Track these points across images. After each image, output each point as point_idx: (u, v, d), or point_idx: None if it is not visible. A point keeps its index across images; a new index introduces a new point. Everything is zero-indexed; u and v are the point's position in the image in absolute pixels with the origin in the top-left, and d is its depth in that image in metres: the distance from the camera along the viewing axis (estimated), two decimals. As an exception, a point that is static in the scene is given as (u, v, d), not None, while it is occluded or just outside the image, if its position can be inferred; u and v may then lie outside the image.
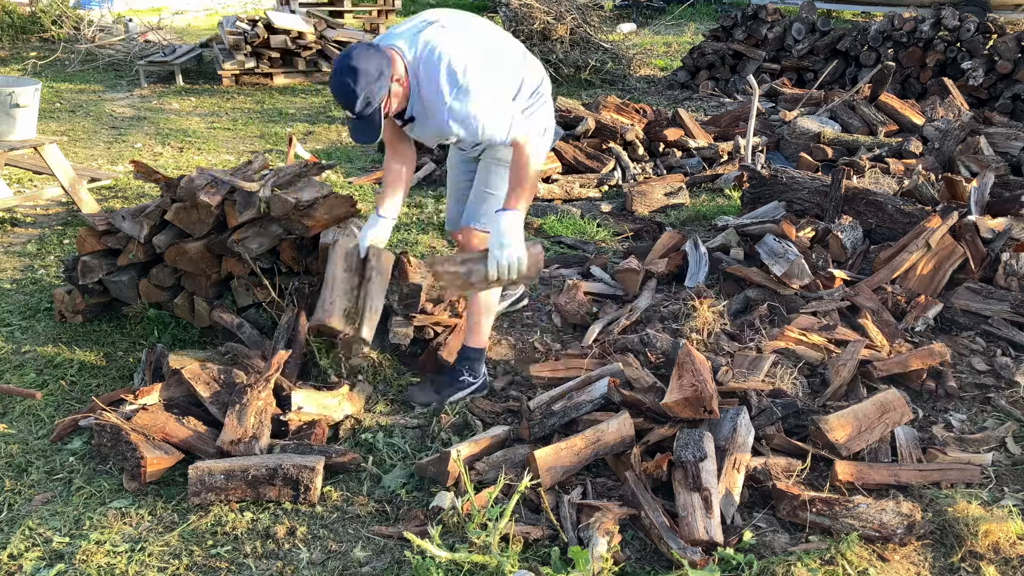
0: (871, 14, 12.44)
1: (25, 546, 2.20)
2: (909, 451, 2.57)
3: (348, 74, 2.36)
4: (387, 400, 2.93)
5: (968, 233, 3.68)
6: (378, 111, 2.44)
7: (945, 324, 3.46)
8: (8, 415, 2.83)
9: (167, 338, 3.30)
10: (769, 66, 8.97)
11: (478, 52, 2.53)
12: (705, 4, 15.45)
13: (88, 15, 10.94)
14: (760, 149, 5.96)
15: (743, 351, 3.04)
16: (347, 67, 2.37)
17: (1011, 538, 2.17)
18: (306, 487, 2.35)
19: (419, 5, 16.22)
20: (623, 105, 6.29)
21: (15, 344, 3.31)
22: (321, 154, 6.34)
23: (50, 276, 3.96)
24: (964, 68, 7.67)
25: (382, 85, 2.40)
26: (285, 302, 3.08)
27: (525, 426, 2.61)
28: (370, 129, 2.47)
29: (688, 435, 2.38)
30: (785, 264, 3.56)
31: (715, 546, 2.11)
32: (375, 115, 2.44)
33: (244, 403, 2.55)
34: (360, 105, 2.39)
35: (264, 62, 9.16)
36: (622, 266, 3.81)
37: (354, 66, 2.36)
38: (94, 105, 8.00)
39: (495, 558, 2.02)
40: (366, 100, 2.39)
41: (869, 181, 4.81)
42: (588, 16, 9.57)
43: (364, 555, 2.18)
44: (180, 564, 2.14)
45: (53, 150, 4.56)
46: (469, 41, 2.55)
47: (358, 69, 2.36)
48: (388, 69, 2.41)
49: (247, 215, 3.09)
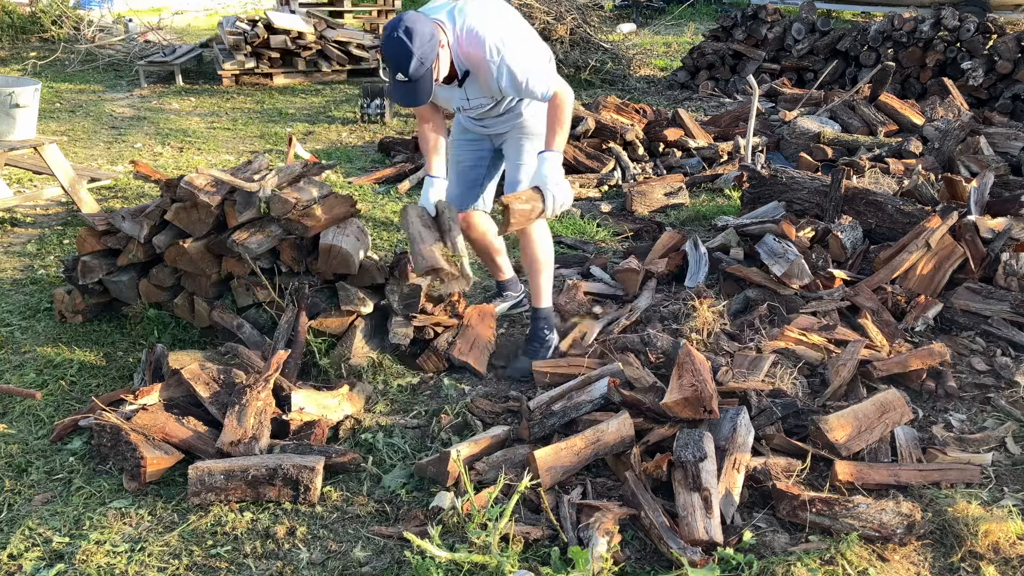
0: (871, 14, 12.44)
1: (25, 546, 2.20)
2: (909, 451, 2.57)
3: (404, 34, 2.47)
4: (387, 400, 2.93)
5: (968, 233, 3.68)
6: (429, 72, 2.56)
7: (945, 324, 3.46)
8: (8, 415, 2.83)
9: (167, 338, 3.30)
10: (769, 66, 8.97)
11: (512, 19, 2.78)
12: (705, 4, 15.45)
13: (88, 15, 10.95)
14: (760, 149, 5.96)
15: (743, 351, 3.04)
16: (403, 28, 2.47)
17: (1011, 538, 2.17)
18: (306, 487, 2.35)
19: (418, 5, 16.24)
20: (623, 105, 6.30)
21: (15, 344, 3.31)
22: (321, 154, 6.34)
23: (50, 276, 3.96)
24: (964, 68, 7.67)
25: (434, 47, 2.53)
26: (285, 302, 3.09)
27: (525, 426, 2.61)
28: (420, 92, 2.59)
29: (688, 435, 2.38)
30: (785, 264, 3.56)
31: (715, 546, 2.11)
32: (427, 76, 2.55)
33: (244, 403, 2.55)
34: (414, 65, 2.50)
35: (264, 62, 9.16)
36: (622, 266, 3.81)
37: (409, 27, 2.47)
38: (94, 105, 8.00)
39: (495, 558, 2.02)
40: (420, 61, 2.50)
41: (869, 181, 4.81)
42: (588, 16, 9.57)
43: (364, 555, 2.18)
44: (180, 564, 2.14)
45: (53, 150, 4.56)
46: (501, 11, 2.76)
47: (413, 30, 2.47)
48: (437, 34, 2.55)
49: (247, 215, 3.10)
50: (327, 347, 3.08)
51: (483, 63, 2.66)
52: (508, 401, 2.89)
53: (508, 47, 2.65)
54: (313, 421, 2.66)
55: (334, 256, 3.05)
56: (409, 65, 2.49)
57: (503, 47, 2.64)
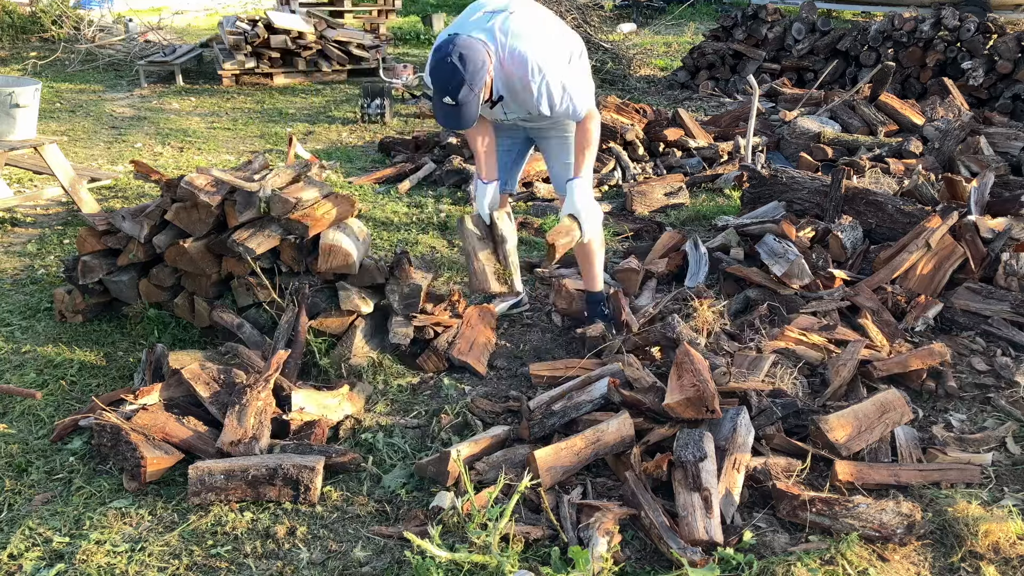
0: (871, 14, 12.45)
1: (25, 546, 2.20)
2: (909, 451, 2.57)
3: (459, 60, 2.49)
4: (387, 400, 2.93)
5: (968, 233, 3.68)
6: (477, 98, 2.58)
7: (945, 324, 3.46)
8: (8, 415, 2.83)
9: (167, 338, 3.30)
10: (769, 66, 8.98)
11: (551, 34, 2.76)
12: (705, 4, 15.46)
13: (88, 15, 10.96)
14: (760, 149, 5.96)
15: (743, 351, 3.04)
16: (457, 54, 2.50)
17: (1011, 538, 2.17)
18: (306, 487, 2.35)
19: (418, 5, 16.23)
20: (623, 105, 6.29)
21: (15, 344, 3.31)
22: (321, 154, 6.34)
23: (50, 276, 3.96)
24: (964, 68, 7.67)
25: (484, 73, 2.55)
26: (285, 302, 3.09)
27: (525, 426, 2.61)
28: (465, 116, 2.61)
29: (688, 435, 2.38)
30: (785, 264, 3.56)
31: (715, 546, 2.11)
32: (474, 101, 2.58)
33: (244, 403, 2.55)
34: (463, 92, 2.52)
35: (264, 62, 9.16)
36: (622, 266, 3.81)
37: (463, 53, 2.50)
38: (94, 105, 8.00)
39: (495, 558, 2.02)
40: (470, 87, 2.52)
41: (869, 181, 4.81)
42: (588, 16, 9.58)
43: (364, 555, 2.18)
44: (180, 564, 2.14)
45: (53, 150, 4.57)
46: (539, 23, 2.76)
47: (467, 57, 2.50)
48: (487, 60, 2.57)
49: (247, 215, 3.10)
50: (327, 347, 3.08)
51: (525, 83, 2.68)
52: (508, 401, 2.89)
53: (550, 68, 2.68)
54: (313, 421, 2.66)
55: (334, 256, 3.06)
56: (459, 91, 2.53)
57: (545, 68, 2.67)
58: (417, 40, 12.52)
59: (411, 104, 8.37)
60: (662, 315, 3.42)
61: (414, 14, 14.77)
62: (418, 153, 6.17)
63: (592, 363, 2.99)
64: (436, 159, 5.87)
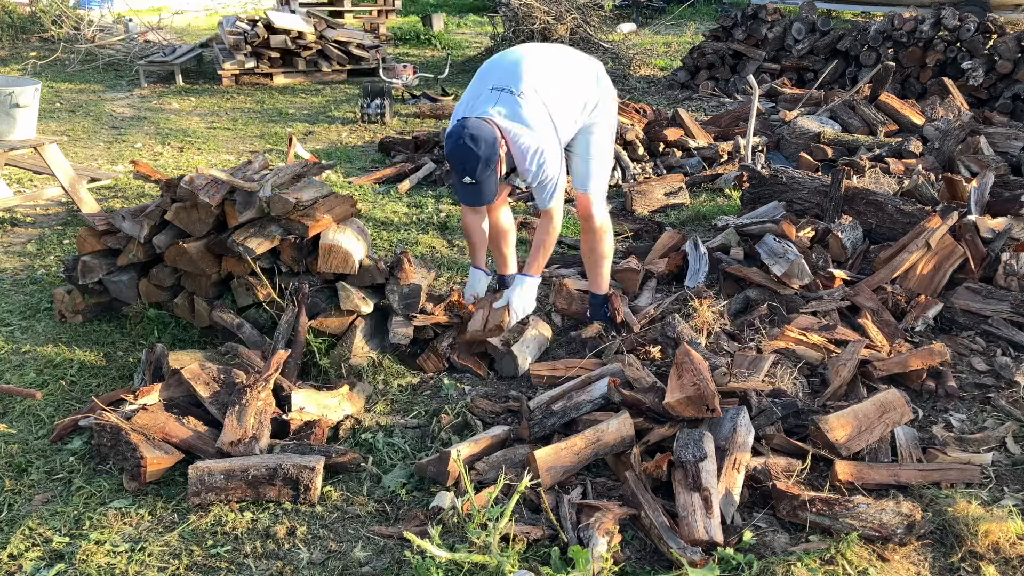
0: (871, 14, 12.45)
1: (25, 546, 2.20)
2: (909, 451, 2.57)
3: (471, 141, 2.59)
4: (387, 400, 2.93)
5: (968, 233, 3.68)
6: (494, 172, 2.68)
7: (945, 324, 3.46)
8: (8, 415, 2.83)
9: (167, 338, 3.30)
10: (769, 66, 8.97)
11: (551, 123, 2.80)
12: (705, 4, 15.46)
13: (88, 15, 10.96)
14: (760, 149, 5.96)
15: (743, 351, 3.04)
16: (468, 136, 2.60)
17: (1011, 538, 2.17)
18: (306, 487, 2.35)
19: (418, 5, 16.23)
20: (623, 105, 6.29)
21: (15, 344, 3.31)
22: (321, 154, 6.34)
23: (50, 276, 3.96)
24: (964, 68, 7.67)
25: (497, 149, 2.65)
26: (285, 302, 3.09)
27: (525, 426, 2.61)
28: (485, 192, 2.74)
29: (688, 435, 2.38)
30: (785, 264, 3.56)
31: (715, 546, 2.11)
32: (492, 176, 2.70)
33: (244, 403, 2.55)
34: (480, 169, 2.63)
35: (264, 62, 9.16)
36: (622, 266, 3.81)
37: (474, 134, 2.60)
38: (94, 105, 8.00)
39: (495, 558, 2.02)
40: (485, 163, 2.62)
41: (869, 181, 4.81)
42: (588, 16, 9.58)
43: (364, 555, 2.18)
44: (180, 564, 2.14)
45: (53, 150, 4.57)
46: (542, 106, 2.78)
47: (478, 137, 2.60)
48: (497, 135, 2.66)
49: (247, 215, 3.10)
50: (327, 347, 3.08)
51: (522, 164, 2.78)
52: (508, 401, 2.89)
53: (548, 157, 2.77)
54: (313, 421, 2.66)
55: (334, 256, 3.06)
56: (476, 170, 2.63)
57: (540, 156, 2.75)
58: (417, 40, 12.52)
59: (411, 104, 8.37)
60: (662, 315, 3.42)
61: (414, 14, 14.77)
62: (418, 153, 6.18)
63: (592, 363, 2.99)
64: (436, 159, 5.87)
